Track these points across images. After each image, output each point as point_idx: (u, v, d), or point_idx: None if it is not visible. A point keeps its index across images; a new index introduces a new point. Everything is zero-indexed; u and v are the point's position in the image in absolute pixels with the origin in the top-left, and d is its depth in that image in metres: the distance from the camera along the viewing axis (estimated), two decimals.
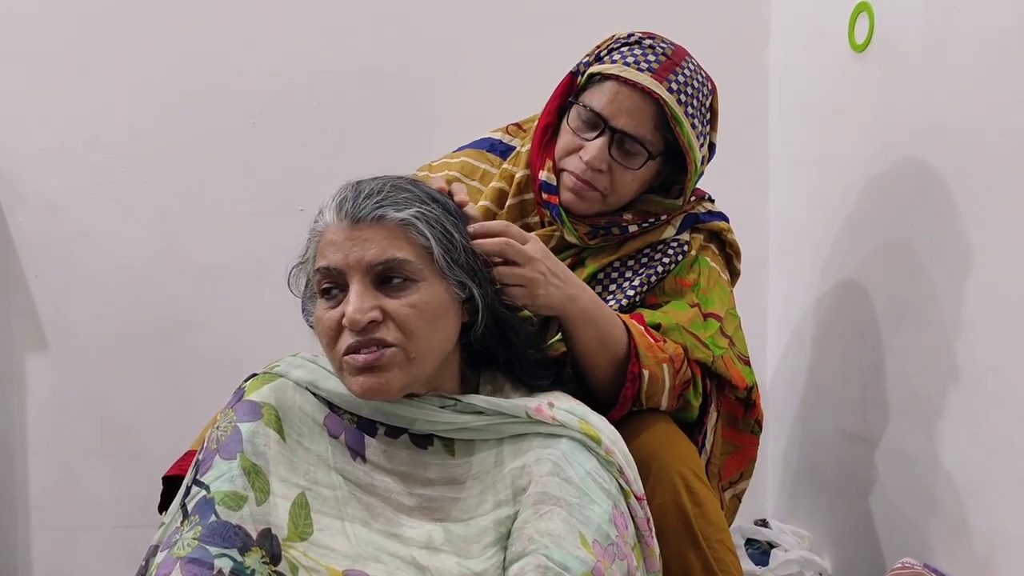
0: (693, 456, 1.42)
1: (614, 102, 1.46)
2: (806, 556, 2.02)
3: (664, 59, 1.47)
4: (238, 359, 2.08)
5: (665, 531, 1.32)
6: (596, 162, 1.47)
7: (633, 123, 1.46)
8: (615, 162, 1.48)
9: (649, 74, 1.45)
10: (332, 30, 2.16)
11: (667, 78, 1.45)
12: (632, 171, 1.49)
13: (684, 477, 1.35)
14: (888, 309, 1.86)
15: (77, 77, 2.07)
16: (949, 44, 1.67)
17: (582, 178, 1.49)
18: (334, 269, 1.16)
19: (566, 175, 1.51)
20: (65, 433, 2.13)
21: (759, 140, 2.33)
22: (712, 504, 1.38)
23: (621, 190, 1.51)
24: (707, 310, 1.53)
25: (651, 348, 1.40)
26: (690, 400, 1.47)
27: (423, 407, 1.20)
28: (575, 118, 1.51)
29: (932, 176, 1.71)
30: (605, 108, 1.46)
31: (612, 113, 1.46)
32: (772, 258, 2.34)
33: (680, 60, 1.48)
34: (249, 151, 2.15)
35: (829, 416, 2.08)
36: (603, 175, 1.48)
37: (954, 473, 1.67)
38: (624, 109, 1.46)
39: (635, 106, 1.46)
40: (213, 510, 1.08)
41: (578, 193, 1.50)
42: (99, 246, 2.10)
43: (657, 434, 1.40)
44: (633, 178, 1.50)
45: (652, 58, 1.46)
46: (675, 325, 1.47)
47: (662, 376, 1.41)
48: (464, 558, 1.13)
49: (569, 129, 1.51)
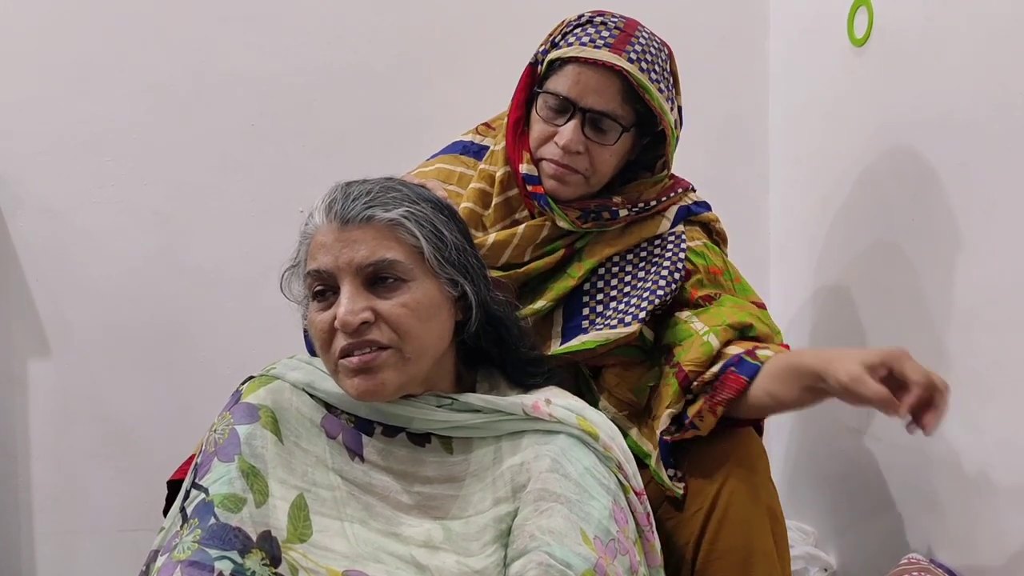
0: (774, 492, 1.48)
1: (579, 83, 1.47)
2: (811, 552, 2.01)
3: (618, 32, 1.48)
4: (240, 362, 2.06)
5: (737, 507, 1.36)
6: (572, 145, 1.47)
7: (601, 100, 1.47)
8: (591, 141, 1.48)
9: (607, 49, 1.46)
10: (331, 30, 2.15)
11: (624, 49, 1.46)
12: (609, 147, 1.50)
13: (773, 513, 1.42)
14: (888, 304, 1.85)
15: (76, 79, 2.06)
16: (949, 38, 1.66)
17: (561, 163, 1.50)
18: (324, 271, 1.16)
19: (545, 163, 1.52)
20: (67, 437, 2.12)
21: (759, 135, 2.32)
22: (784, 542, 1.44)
23: (602, 168, 1.52)
24: (750, 298, 1.58)
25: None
26: None
27: (420, 406, 1.20)
28: (543, 107, 1.51)
29: (932, 171, 1.71)
30: (571, 91, 1.47)
31: (579, 95, 1.47)
32: (773, 253, 2.33)
33: (633, 31, 1.50)
34: (249, 152, 2.14)
35: (831, 411, 2.06)
36: (581, 156, 1.49)
37: (956, 468, 1.67)
38: (590, 88, 1.47)
39: (599, 83, 1.47)
40: (212, 513, 1.08)
41: (560, 179, 1.51)
42: (99, 249, 2.10)
43: (750, 455, 1.45)
44: (611, 153, 1.51)
45: (606, 33, 1.47)
46: (752, 315, 1.51)
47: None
48: (464, 556, 1.13)
49: (539, 119, 1.52)
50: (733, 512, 1.37)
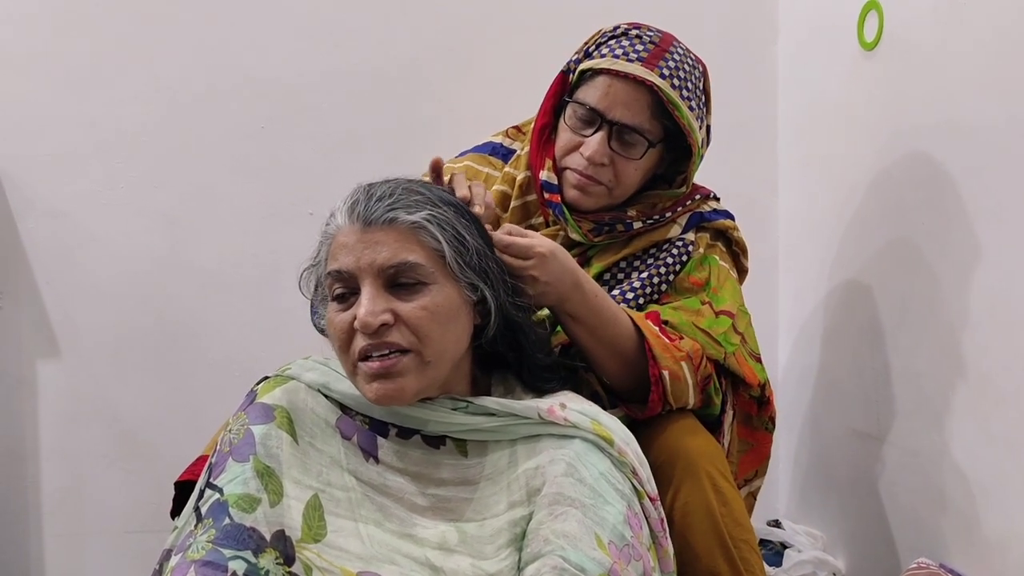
0: (719, 455, 1.42)
1: (608, 95, 1.47)
2: (820, 556, 2.01)
3: (652, 46, 1.47)
4: (248, 364, 2.07)
5: (691, 530, 1.32)
6: (597, 157, 1.47)
7: (629, 114, 1.47)
8: (616, 154, 1.48)
9: (639, 63, 1.45)
10: (341, 33, 2.16)
11: (658, 64, 1.46)
12: (634, 161, 1.49)
13: (711, 476, 1.35)
14: (898, 307, 1.85)
15: (85, 82, 2.07)
16: (959, 42, 1.66)
17: (585, 174, 1.50)
18: (346, 272, 1.15)
19: (569, 173, 1.52)
20: (76, 438, 2.13)
21: (768, 139, 2.33)
22: (738, 503, 1.37)
23: (625, 181, 1.52)
24: (719, 307, 1.53)
25: (667, 348, 1.40)
26: (711, 396, 1.47)
27: (435, 409, 1.20)
28: (571, 116, 1.51)
29: (942, 174, 1.71)
30: (600, 102, 1.47)
31: (608, 106, 1.47)
32: (782, 257, 2.34)
33: (668, 45, 1.49)
34: (258, 155, 2.14)
35: (840, 415, 2.08)
36: (606, 168, 1.49)
37: (967, 471, 1.66)
38: (619, 101, 1.46)
39: (630, 97, 1.46)
40: (227, 512, 1.08)
41: (583, 189, 1.51)
42: (108, 251, 2.10)
43: (682, 432, 1.40)
44: (636, 168, 1.51)
45: (640, 47, 1.47)
46: (687, 322, 1.47)
47: (683, 375, 1.41)
48: (478, 559, 1.12)
49: (567, 127, 1.52)
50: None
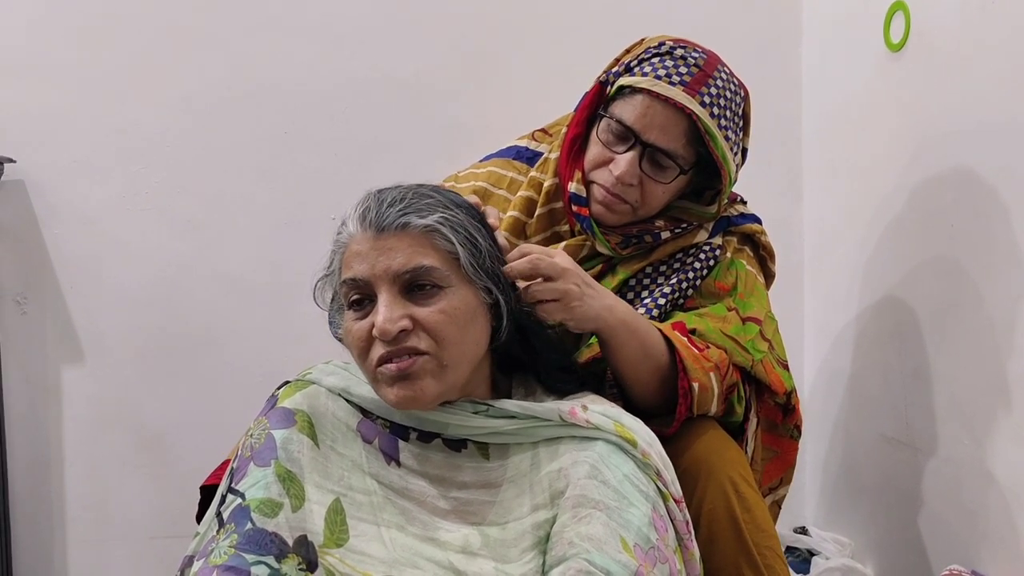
0: (742, 461, 1.40)
1: (645, 116, 1.44)
2: (848, 564, 1.98)
3: (696, 71, 1.43)
4: (271, 369, 2.07)
5: (715, 537, 1.30)
6: (627, 177, 1.45)
7: (665, 138, 1.44)
8: (646, 176, 1.46)
9: (681, 88, 1.42)
10: (362, 39, 2.16)
11: (700, 91, 1.42)
12: (663, 184, 1.47)
13: (734, 482, 1.33)
14: (928, 312, 1.83)
15: (109, 90, 2.08)
16: (987, 42, 1.64)
17: (612, 191, 1.47)
18: (361, 280, 1.15)
19: (596, 188, 1.49)
20: (100, 444, 2.14)
21: (793, 143, 2.31)
22: (762, 510, 1.35)
23: (652, 202, 1.49)
24: (746, 314, 1.51)
25: (697, 359, 1.38)
26: (734, 404, 1.45)
27: (456, 413, 1.19)
28: (605, 130, 1.48)
29: (971, 177, 1.68)
30: (636, 122, 1.44)
31: (643, 127, 1.44)
32: (808, 262, 2.31)
33: (712, 71, 1.45)
34: (281, 160, 2.15)
35: (869, 421, 2.05)
36: (634, 188, 1.47)
37: (999, 478, 1.64)
38: (656, 124, 1.43)
39: (667, 121, 1.43)
40: (249, 517, 1.08)
41: (608, 206, 1.49)
42: (133, 257, 2.11)
43: (706, 439, 1.39)
44: (664, 191, 1.48)
45: (684, 70, 1.43)
46: (714, 329, 1.45)
47: (711, 385, 1.39)
48: (502, 563, 1.11)
49: (599, 141, 1.49)
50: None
